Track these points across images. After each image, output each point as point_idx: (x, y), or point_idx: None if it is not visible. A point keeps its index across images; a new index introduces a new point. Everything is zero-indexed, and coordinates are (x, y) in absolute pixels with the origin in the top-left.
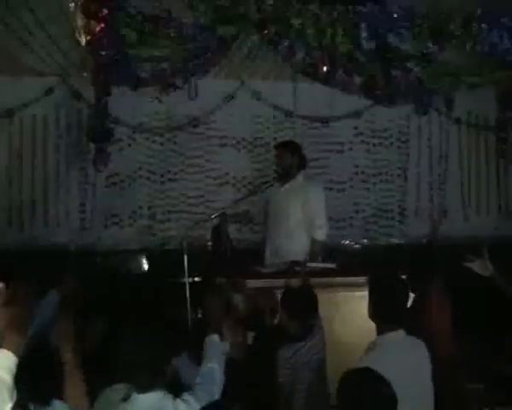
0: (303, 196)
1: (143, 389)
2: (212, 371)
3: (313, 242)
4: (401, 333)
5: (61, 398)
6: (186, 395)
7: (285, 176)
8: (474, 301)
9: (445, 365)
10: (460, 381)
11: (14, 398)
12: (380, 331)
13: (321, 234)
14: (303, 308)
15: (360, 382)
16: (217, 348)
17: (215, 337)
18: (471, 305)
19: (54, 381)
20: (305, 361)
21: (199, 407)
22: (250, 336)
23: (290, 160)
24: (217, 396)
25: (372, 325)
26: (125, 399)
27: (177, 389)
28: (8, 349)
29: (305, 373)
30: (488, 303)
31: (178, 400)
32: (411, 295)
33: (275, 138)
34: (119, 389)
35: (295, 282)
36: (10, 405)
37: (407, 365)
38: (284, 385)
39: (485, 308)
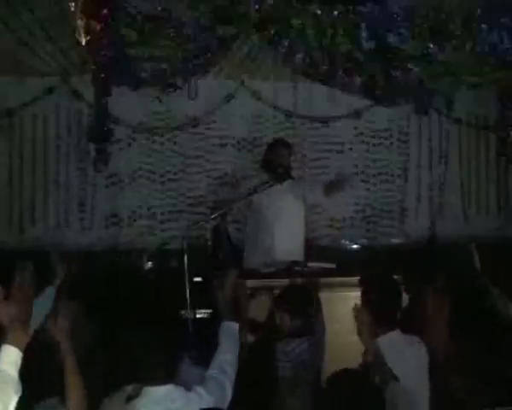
0: (301, 197)
1: (156, 383)
2: (226, 363)
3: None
4: (396, 333)
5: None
6: (198, 388)
7: (280, 175)
8: (474, 300)
9: (445, 364)
10: (460, 381)
11: (20, 392)
12: (374, 334)
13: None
14: (303, 305)
15: (344, 381)
16: (233, 338)
17: (234, 326)
18: (471, 304)
19: (52, 377)
20: (305, 358)
21: (211, 400)
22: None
23: (289, 160)
24: (229, 390)
25: None
26: (134, 396)
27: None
28: (13, 345)
29: (306, 371)
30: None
31: (191, 392)
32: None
33: None
34: (129, 390)
35: (296, 281)
36: (16, 398)
37: (405, 364)
38: (284, 380)
39: (486, 307)
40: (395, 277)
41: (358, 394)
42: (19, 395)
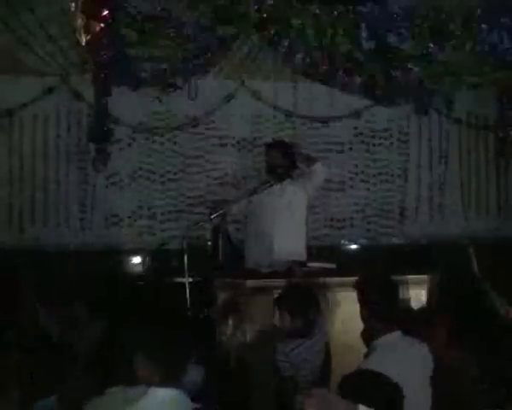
0: (301, 196)
1: (161, 385)
2: None
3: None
4: (397, 334)
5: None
6: None
7: (279, 175)
8: (475, 300)
9: (446, 365)
10: (460, 381)
11: None
12: (375, 335)
13: None
14: (304, 305)
15: (361, 382)
16: None
17: None
18: (471, 304)
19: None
20: (305, 359)
21: None
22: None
23: (281, 160)
24: None
25: None
26: (139, 396)
27: None
28: None
29: (306, 371)
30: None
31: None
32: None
33: None
34: (115, 392)
35: (296, 281)
36: None
37: (405, 366)
38: (284, 380)
39: (485, 308)
40: (395, 277)
41: (377, 394)
42: None
